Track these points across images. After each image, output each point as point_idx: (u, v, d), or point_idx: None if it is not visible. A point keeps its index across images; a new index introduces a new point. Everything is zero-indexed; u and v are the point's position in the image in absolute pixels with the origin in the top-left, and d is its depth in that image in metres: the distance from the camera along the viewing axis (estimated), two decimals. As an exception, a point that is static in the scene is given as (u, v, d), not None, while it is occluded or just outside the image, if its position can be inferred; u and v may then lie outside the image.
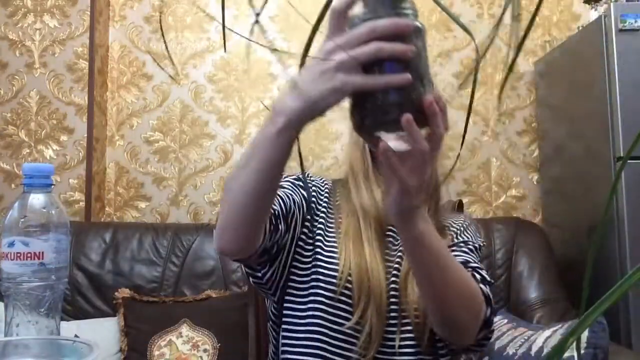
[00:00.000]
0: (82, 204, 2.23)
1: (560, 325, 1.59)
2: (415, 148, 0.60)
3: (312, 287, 0.92)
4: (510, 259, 2.00)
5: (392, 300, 0.90)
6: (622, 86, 1.80)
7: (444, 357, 0.91)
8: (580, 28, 2.16)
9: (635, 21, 1.81)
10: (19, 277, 0.68)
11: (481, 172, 2.40)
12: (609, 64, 1.82)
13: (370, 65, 0.56)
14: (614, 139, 1.81)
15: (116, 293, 1.86)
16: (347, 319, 0.89)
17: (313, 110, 0.61)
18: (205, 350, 1.73)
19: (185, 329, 1.77)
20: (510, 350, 1.60)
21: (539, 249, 2.01)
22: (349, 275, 0.90)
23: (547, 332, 1.56)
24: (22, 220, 0.69)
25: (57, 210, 0.71)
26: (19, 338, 0.65)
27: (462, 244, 0.95)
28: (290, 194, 0.94)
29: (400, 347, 0.89)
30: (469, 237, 0.98)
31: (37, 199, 0.70)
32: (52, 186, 0.72)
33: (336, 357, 0.89)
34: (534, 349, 1.52)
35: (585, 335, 1.42)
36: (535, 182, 2.40)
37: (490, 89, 2.42)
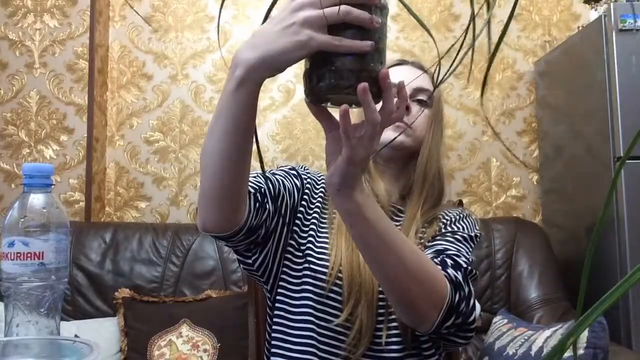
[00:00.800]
0: (82, 204, 2.23)
1: (560, 325, 1.59)
2: (368, 117, 0.61)
3: (304, 282, 0.92)
4: (510, 259, 2.00)
5: (381, 296, 0.90)
6: (622, 86, 1.80)
7: (428, 351, 0.91)
8: (580, 28, 2.16)
9: (635, 21, 1.81)
10: (19, 277, 0.68)
11: (481, 172, 2.40)
12: (609, 64, 1.82)
13: (333, 29, 0.58)
14: (614, 139, 1.81)
15: (116, 293, 1.86)
16: (337, 315, 0.89)
17: (271, 63, 0.61)
18: (205, 350, 1.73)
19: (185, 329, 1.77)
20: (510, 350, 1.60)
21: (539, 249, 2.01)
22: (339, 271, 0.90)
23: (547, 332, 1.56)
24: (22, 220, 0.69)
25: (57, 210, 0.71)
26: (19, 338, 0.65)
27: (448, 234, 0.95)
28: (281, 179, 0.93)
29: (387, 343, 0.89)
30: (462, 227, 0.97)
31: (37, 199, 0.70)
32: (52, 186, 0.72)
33: (326, 355, 0.89)
34: (534, 349, 1.52)
35: (585, 335, 1.42)
36: (535, 182, 2.40)
37: (490, 89, 2.42)
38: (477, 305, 1.88)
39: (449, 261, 0.85)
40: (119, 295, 1.85)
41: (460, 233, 0.95)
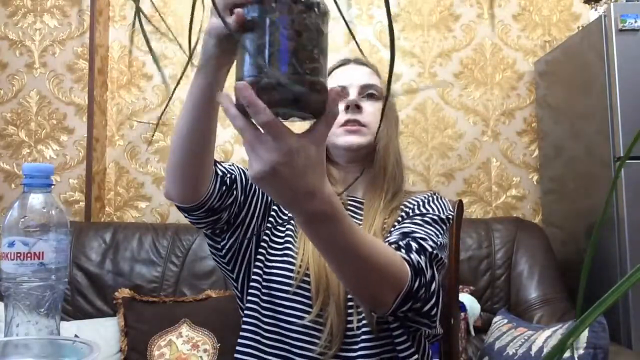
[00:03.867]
0: (82, 204, 2.23)
1: (560, 325, 1.59)
2: (259, 121, 0.53)
3: (271, 280, 0.93)
4: (510, 259, 2.00)
5: (350, 296, 0.90)
6: (622, 86, 1.80)
7: (401, 345, 0.89)
8: (580, 28, 2.16)
9: (635, 21, 1.81)
10: (19, 277, 0.68)
11: (481, 172, 2.40)
12: (609, 64, 1.82)
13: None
14: (614, 139, 1.81)
15: (116, 293, 1.86)
16: (306, 313, 0.90)
17: (205, 51, 0.67)
18: (205, 350, 1.73)
19: (185, 329, 1.77)
20: (510, 350, 1.60)
21: (539, 249, 2.01)
22: (307, 269, 0.91)
23: (547, 332, 1.56)
24: (22, 220, 0.69)
25: (57, 210, 0.71)
26: (19, 338, 0.65)
27: (417, 217, 0.94)
28: None
29: (362, 341, 0.88)
30: (431, 209, 0.97)
31: (37, 199, 0.70)
32: (52, 186, 0.72)
33: (297, 357, 0.89)
34: (534, 349, 1.52)
35: (585, 335, 1.42)
36: (535, 182, 2.40)
37: (490, 89, 2.42)
38: (477, 305, 1.87)
39: (413, 245, 0.84)
40: (119, 295, 1.85)
41: (429, 215, 0.95)
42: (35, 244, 0.68)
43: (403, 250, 0.82)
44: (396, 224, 0.95)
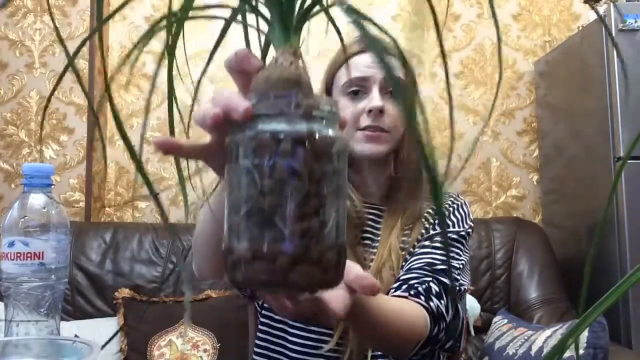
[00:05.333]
0: (82, 204, 2.23)
1: (560, 325, 1.59)
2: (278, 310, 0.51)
3: None
4: (510, 259, 2.00)
5: None
6: (622, 86, 1.80)
7: None
8: (580, 28, 2.16)
9: (635, 21, 1.81)
10: (19, 277, 0.68)
11: (481, 172, 2.40)
12: (609, 64, 1.82)
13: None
14: (614, 139, 1.81)
15: (116, 293, 1.86)
16: (325, 341, 0.87)
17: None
18: (205, 350, 1.73)
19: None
20: (510, 350, 1.60)
21: (539, 249, 2.01)
22: None
23: (547, 332, 1.56)
24: (22, 220, 0.69)
25: (57, 210, 0.71)
26: (19, 338, 0.65)
27: (437, 237, 0.91)
28: None
29: None
30: (452, 223, 0.94)
31: (37, 199, 0.70)
32: (52, 186, 0.72)
33: None
34: (534, 349, 1.52)
35: (585, 335, 1.42)
36: (535, 182, 2.40)
37: (490, 89, 2.42)
38: (477, 305, 1.86)
39: (434, 288, 0.83)
40: (119, 295, 1.85)
41: (450, 234, 0.92)
42: (35, 244, 0.68)
43: (422, 298, 0.81)
44: (415, 243, 0.92)
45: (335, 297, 0.50)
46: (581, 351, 1.39)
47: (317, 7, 0.39)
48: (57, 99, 2.25)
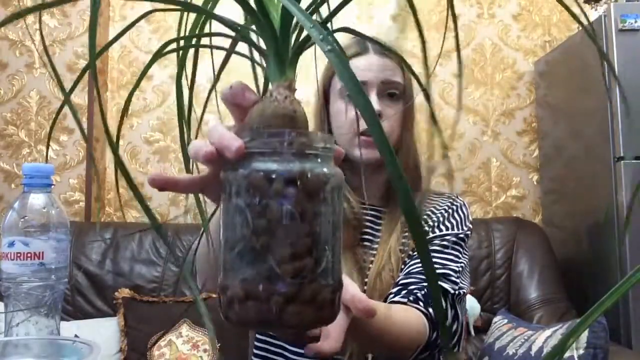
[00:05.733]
0: (82, 204, 2.23)
1: (560, 325, 1.59)
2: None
3: None
4: (510, 259, 2.00)
5: None
6: (622, 86, 1.80)
7: None
8: (580, 28, 2.16)
9: (635, 21, 1.81)
10: (19, 277, 0.68)
11: (481, 172, 2.40)
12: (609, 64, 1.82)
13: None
14: (614, 139, 1.81)
15: (116, 293, 1.86)
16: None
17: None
18: (205, 350, 1.73)
19: (185, 329, 1.77)
20: (510, 350, 1.60)
21: (539, 249, 2.01)
22: None
23: (547, 332, 1.56)
24: (22, 220, 0.69)
25: (57, 210, 0.71)
26: (19, 338, 0.65)
27: (436, 240, 0.91)
28: None
29: None
30: (451, 226, 0.94)
31: (37, 199, 0.70)
32: (52, 186, 0.72)
33: None
34: (534, 349, 1.52)
35: (585, 335, 1.42)
36: (535, 182, 2.40)
37: (490, 89, 2.42)
38: (477, 305, 1.86)
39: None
40: (119, 295, 1.85)
41: (447, 237, 0.92)
42: (35, 244, 0.68)
43: (421, 304, 0.81)
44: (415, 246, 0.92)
45: (332, 329, 0.52)
46: (581, 351, 1.39)
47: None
48: (57, 99, 2.25)
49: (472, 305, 1.87)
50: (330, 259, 0.35)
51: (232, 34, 0.42)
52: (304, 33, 0.39)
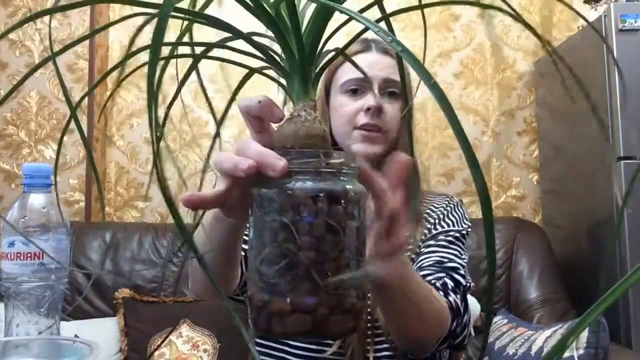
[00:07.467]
0: (82, 204, 2.23)
1: (560, 325, 1.59)
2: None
3: None
4: (510, 259, 2.00)
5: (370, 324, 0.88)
6: (622, 86, 1.80)
7: None
8: (580, 28, 2.16)
9: (635, 21, 1.81)
10: (19, 277, 0.68)
11: (481, 172, 2.40)
12: (609, 64, 1.82)
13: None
14: (614, 139, 1.81)
15: (116, 293, 1.86)
16: (326, 344, 0.87)
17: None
18: (205, 350, 1.73)
19: (185, 329, 1.77)
20: (510, 350, 1.60)
21: (539, 249, 2.01)
22: None
23: (547, 332, 1.56)
24: (22, 220, 0.69)
25: (57, 211, 0.71)
26: (19, 338, 0.65)
27: (440, 236, 0.92)
28: None
29: None
30: (451, 222, 0.95)
31: (37, 199, 0.70)
32: (52, 186, 0.72)
33: None
34: (534, 349, 1.52)
35: (585, 335, 1.42)
36: (535, 182, 2.40)
37: (490, 89, 2.42)
38: (477, 305, 1.86)
39: (449, 283, 0.85)
40: (119, 295, 1.85)
41: (451, 233, 0.94)
42: (35, 244, 0.68)
43: (441, 293, 0.83)
44: (420, 243, 0.93)
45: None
46: (581, 351, 1.39)
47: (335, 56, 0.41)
48: (57, 99, 2.25)
49: (472, 305, 1.87)
50: (360, 270, 0.38)
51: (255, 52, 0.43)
52: (326, 57, 0.41)
